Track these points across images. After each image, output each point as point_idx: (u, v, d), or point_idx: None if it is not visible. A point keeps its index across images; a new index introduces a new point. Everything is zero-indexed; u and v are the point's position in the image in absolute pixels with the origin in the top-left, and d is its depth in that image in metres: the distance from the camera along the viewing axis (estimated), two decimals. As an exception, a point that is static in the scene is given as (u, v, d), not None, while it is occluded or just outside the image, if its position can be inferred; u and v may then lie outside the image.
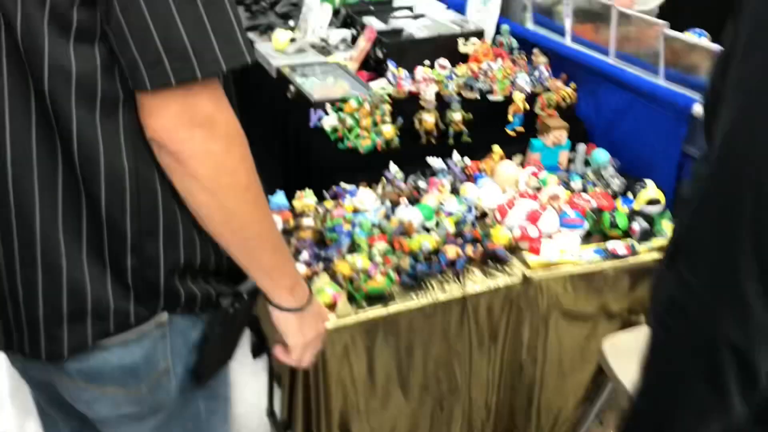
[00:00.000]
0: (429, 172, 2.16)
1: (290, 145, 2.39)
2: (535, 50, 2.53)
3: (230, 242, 1.05)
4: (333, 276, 1.76)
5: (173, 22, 0.91)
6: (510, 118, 2.29)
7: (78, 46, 0.94)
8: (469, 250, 1.85)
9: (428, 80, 2.31)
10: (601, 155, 2.22)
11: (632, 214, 2.00)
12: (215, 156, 0.97)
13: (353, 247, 1.83)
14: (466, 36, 2.67)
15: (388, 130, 2.18)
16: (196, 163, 0.97)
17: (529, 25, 2.72)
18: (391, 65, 2.42)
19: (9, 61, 0.96)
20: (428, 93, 2.22)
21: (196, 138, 0.95)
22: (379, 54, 2.65)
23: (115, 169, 0.99)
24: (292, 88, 2.43)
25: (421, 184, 2.08)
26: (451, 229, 1.89)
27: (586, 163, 2.27)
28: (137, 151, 0.99)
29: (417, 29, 2.77)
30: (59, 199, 1.00)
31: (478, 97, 2.33)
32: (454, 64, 2.53)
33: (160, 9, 0.91)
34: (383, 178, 2.10)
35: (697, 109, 2.01)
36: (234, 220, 1.02)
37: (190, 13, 0.92)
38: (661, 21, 2.16)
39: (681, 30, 2.16)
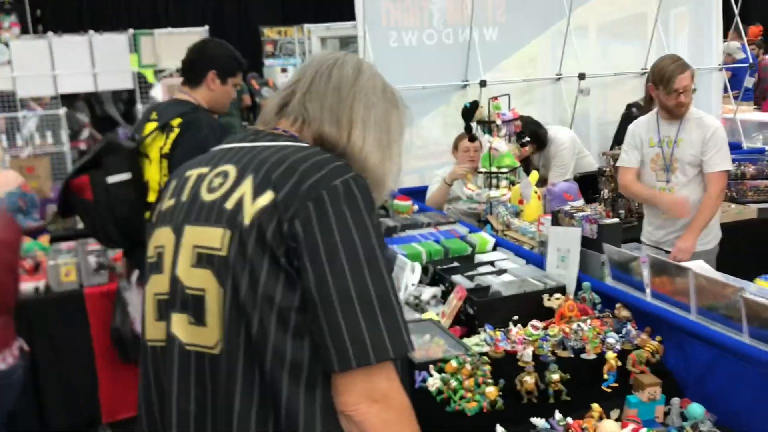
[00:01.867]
0: None
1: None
2: (618, 305, 2.71)
3: None
4: None
5: (358, 324, 1.28)
6: (605, 375, 2.43)
7: (293, 339, 1.30)
8: None
9: (524, 342, 2.49)
10: (696, 410, 2.32)
11: (738, 473, 2.06)
12: (390, 425, 1.30)
13: None
14: (550, 292, 2.89)
15: (491, 391, 2.33)
16: (375, 431, 1.29)
17: (609, 281, 2.93)
18: (488, 328, 2.62)
19: (245, 349, 1.31)
20: (525, 355, 2.40)
21: (374, 411, 1.29)
22: (470, 311, 2.87)
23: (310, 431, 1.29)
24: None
25: (529, 446, 2.20)
26: (565, 494, 1.98)
27: (682, 415, 2.36)
28: (327, 417, 1.31)
29: (501, 285, 3.00)
30: None
31: (572, 356, 2.49)
32: (539, 317, 2.73)
33: (350, 316, 1.28)
34: (490, 440, 2.22)
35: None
36: None
37: (370, 318, 1.29)
38: (737, 282, 2.35)
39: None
